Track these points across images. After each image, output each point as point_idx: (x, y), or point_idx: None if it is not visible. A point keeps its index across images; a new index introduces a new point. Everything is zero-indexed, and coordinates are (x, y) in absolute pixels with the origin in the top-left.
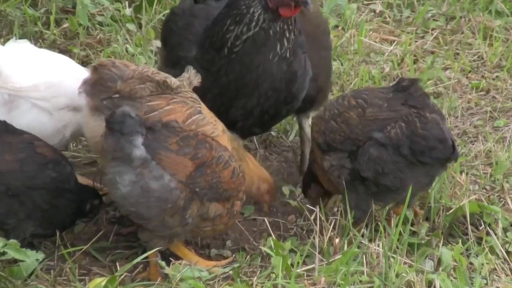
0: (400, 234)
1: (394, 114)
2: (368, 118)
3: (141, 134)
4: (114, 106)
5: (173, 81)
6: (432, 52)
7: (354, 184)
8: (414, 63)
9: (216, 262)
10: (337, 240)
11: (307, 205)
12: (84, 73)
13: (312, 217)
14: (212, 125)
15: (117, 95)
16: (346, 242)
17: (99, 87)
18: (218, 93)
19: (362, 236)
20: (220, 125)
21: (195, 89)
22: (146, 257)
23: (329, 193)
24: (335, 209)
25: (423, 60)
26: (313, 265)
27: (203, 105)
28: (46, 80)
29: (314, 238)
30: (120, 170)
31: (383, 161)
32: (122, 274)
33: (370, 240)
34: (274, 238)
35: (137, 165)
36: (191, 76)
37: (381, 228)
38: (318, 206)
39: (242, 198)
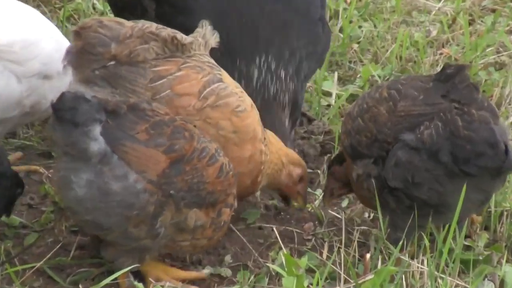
0: (450, 247)
1: (429, 109)
2: (399, 114)
3: (99, 121)
4: (111, 77)
5: (183, 37)
6: (493, 11)
7: (384, 197)
8: (470, 24)
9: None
10: (368, 256)
11: (330, 211)
12: (58, 33)
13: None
14: (237, 96)
15: (113, 62)
16: (380, 258)
17: (87, 56)
18: None
19: (401, 250)
20: (248, 99)
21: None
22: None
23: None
24: (366, 215)
25: (481, 21)
26: (336, 287)
27: (224, 73)
28: (23, 38)
29: (338, 252)
30: (75, 167)
31: (413, 167)
32: None
33: (411, 256)
34: (286, 252)
35: (95, 161)
36: (207, 34)
37: (426, 241)
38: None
39: (232, 205)
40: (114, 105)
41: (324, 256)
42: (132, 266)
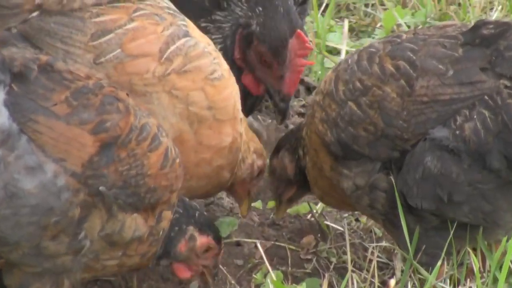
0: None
1: (467, 90)
2: (419, 98)
3: (2, 85)
4: (35, 33)
5: None
6: None
7: (397, 215)
8: None
9: None
10: (392, 283)
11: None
12: None
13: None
14: (211, 57)
15: (35, 13)
16: (410, 285)
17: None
18: None
19: (439, 275)
20: (223, 62)
21: None
22: None
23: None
24: None
25: None
26: None
27: (189, 23)
28: None
29: (350, 278)
30: None
31: (452, 180)
32: None
33: (453, 283)
34: (274, 278)
35: None
36: None
37: (475, 260)
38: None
39: (173, 206)
40: (20, 65)
41: (326, 284)
42: None
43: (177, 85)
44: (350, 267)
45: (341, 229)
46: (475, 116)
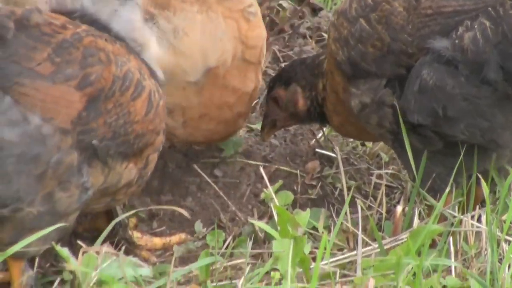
0: None
1: (471, 2)
2: (424, 11)
3: None
4: None
5: None
6: None
7: (402, 135)
8: None
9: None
10: (399, 209)
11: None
12: None
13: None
14: None
15: None
16: (416, 212)
17: None
18: None
19: (447, 202)
20: (256, 2)
21: None
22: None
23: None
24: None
25: None
26: (352, 253)
27: None
28: None
29: (354, 204)
30: None
31: (447, 93)
32: None
33: (462, 210)
34: (277, 203)
35: None
36: None
37: (485, 187)
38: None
39: (159, 149)
40: None
41: (335, 209)
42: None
43: (214, 8)
44: (345, 191)
45: (350, 152)
46: (475, 26)
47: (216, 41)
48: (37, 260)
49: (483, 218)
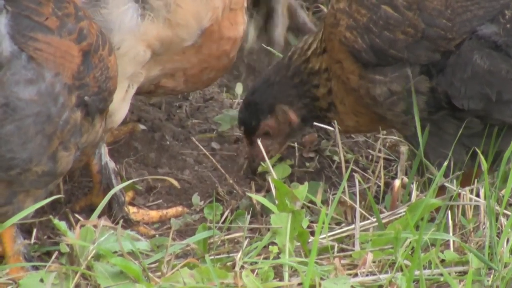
0: None
1: None
2: None
3: (4, 11)
4: None
5: None
6: None
7: (436, 122)
8: None
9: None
10: (397, 183)
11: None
12: None
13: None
14: None
15: None
16: (415, 185)
17: None
18: None
19: (446, 175)
20: None
21: None
22: None
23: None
24: None
25: None
26: (350, 227)
27: None
28: None
29: (351, 177)
30: None
31: (500, 78)
32: None
33: (461, 184)
34: (275, 177)
35: None
36: None
37: (483, 161)
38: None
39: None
40: None
41: (333, 182)
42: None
43: None
44: (343, 164)
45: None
46: None
47: (207, 2)
48: (34, 231)
49: (482, 192)
